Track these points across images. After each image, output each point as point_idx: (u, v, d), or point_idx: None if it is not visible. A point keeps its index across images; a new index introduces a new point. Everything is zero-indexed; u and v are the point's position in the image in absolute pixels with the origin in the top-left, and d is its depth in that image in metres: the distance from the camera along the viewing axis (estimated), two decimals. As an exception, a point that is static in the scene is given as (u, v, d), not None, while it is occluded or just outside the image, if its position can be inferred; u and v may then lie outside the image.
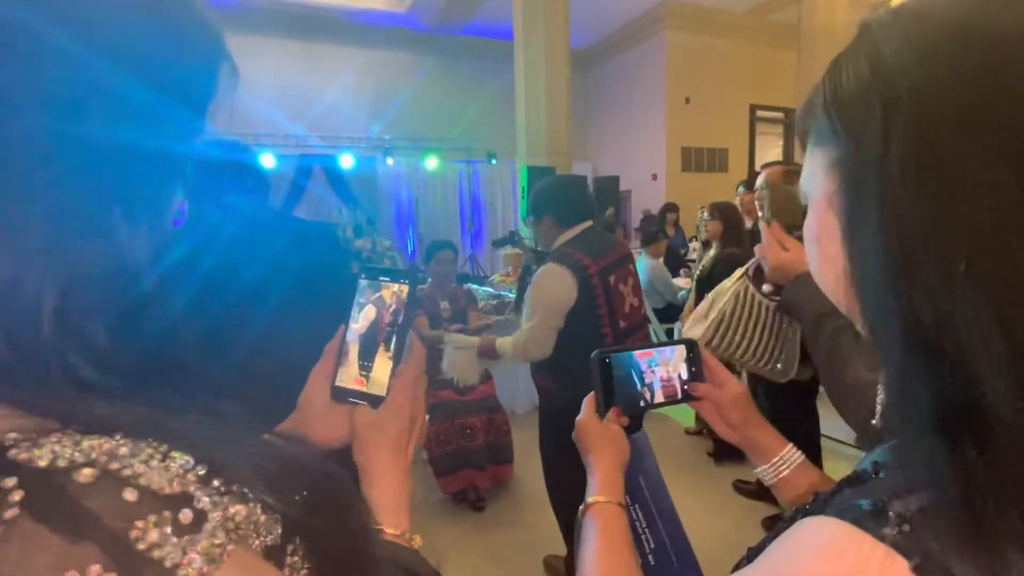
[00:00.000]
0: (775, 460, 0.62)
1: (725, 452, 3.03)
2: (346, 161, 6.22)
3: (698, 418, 3.36)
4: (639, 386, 0.66)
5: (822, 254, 0.35)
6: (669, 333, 3.85)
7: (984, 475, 0.25)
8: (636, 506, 0.66)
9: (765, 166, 1.96)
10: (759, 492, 2.58)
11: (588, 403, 0.66)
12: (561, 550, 2.09)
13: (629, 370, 0.65)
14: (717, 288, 1.43)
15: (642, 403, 0.66)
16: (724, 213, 3.09)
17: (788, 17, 6.57)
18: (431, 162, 6.74)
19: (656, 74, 7.38)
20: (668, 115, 7.34)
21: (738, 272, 1.60)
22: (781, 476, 0.62)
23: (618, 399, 0.65)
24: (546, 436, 1.90)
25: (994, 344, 0.25)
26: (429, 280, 2.99)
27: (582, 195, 1.87)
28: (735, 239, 3.07)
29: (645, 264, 4.04)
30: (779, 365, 1.86)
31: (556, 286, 1.67)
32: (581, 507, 0.60)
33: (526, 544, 2.36)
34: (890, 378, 0.30)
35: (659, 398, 0.66)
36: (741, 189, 3.09)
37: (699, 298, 3.15)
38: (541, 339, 1.70)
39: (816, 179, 0.34)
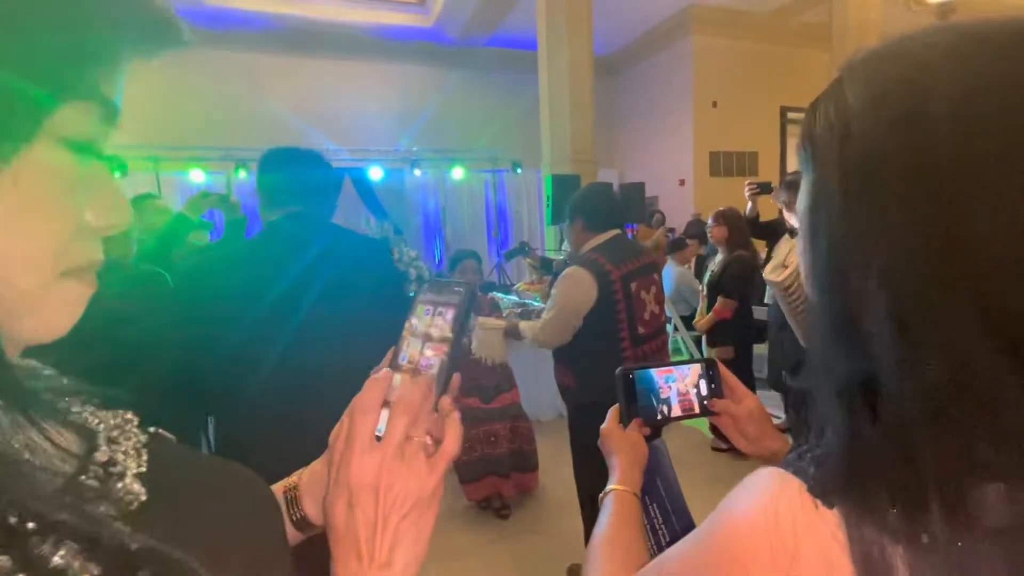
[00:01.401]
0: None
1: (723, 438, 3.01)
2: (375, 173, 6.37)
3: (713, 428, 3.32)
4: (658, 400, 0.72)
5: (801, 260, 0.42)
6: (697, 341, 3.78)
7: (870, 432, 0.33)
8: (653, 504, 0.71)
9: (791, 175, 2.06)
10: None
11: (612, 413, 0.74)
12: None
13: (650, 385, 0.72)
14: (792, 241, 1.56)
15: (659, 416, 0.72)
16: (728, 219, 3.18)
17: (818, 17, 6.42)
18: (457, 172, 6.83)
19: (683, 78, 7.30)
20: (695, 119, 7.25)
21: None
22: None
23: (640, 411, 0.71)
24: (573, 432, 1.98)
25: (890, 335, 0.31)
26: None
27: (613, 204, 1.98)
28: (741, 243, 3.15)
29: (672, 271, 4.00)
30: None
31: (576, 288, 1.76)
32: (600, 495, 0.67)
33: (550, 552, 2.35)
34: (814, 354, 0.37)
35: (676, 412, 0.72)
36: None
37: (711, 303, 3.20)
38: (555, 331, 1.82)
39: (800, 199, 0.41)
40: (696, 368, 0.73)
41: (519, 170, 6.89)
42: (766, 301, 3.26)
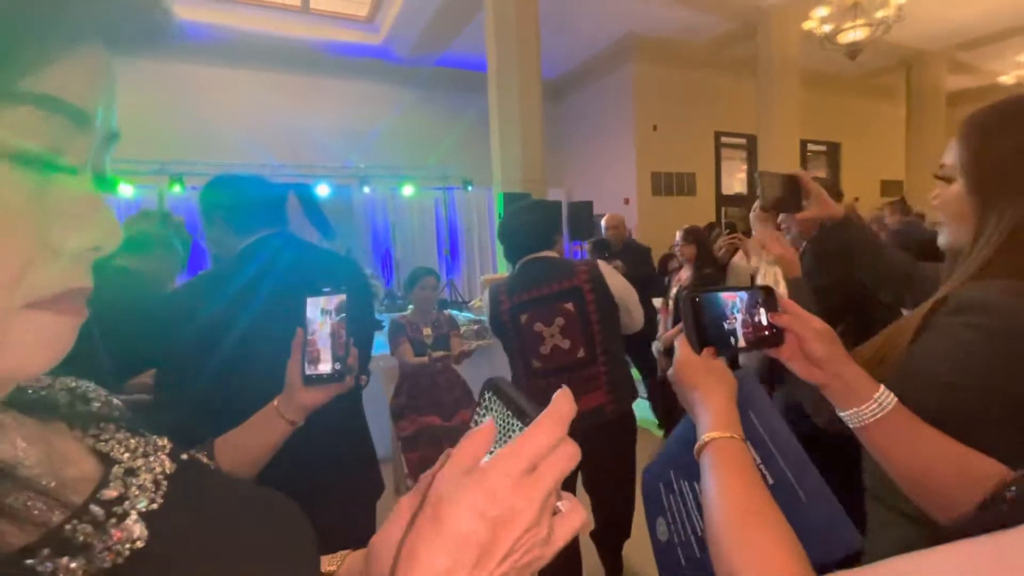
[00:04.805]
0: (868, 403, 0.57)
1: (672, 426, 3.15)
2: (321, 190, 6.21)
3: None
4: (726, 328, 0.64)
5: None
6: (635, 358, 3.90)
7: None
8: (748, 443, 0.61)
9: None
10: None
11: (682, 343, 0.64)
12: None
13: (718, 311, 0.64)
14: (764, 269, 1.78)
15: (728, 345, 0.64)
16: (697, 236, 3.28)
17: (745, 51, 6.95)
18: (407, 190, 6.79)
19: (624, 103, 7.66)
20: (637, 142, 7.61)
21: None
22: (875, 418, 0.57)
23: (710, 339, 0.63)
24: None
25: None
26: (411, 307, 3.01)
27: (524, 231, 1.78)
28: (709, 260, 3.26)
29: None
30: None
31: (484, 311, 1.91)
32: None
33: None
34: None
35: (742, 342, 0.64)
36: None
37: (677, 318, 3.32)
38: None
39: None
40: (754, 295, 0.65)
41: (470, 188, 6.93)
42: None
